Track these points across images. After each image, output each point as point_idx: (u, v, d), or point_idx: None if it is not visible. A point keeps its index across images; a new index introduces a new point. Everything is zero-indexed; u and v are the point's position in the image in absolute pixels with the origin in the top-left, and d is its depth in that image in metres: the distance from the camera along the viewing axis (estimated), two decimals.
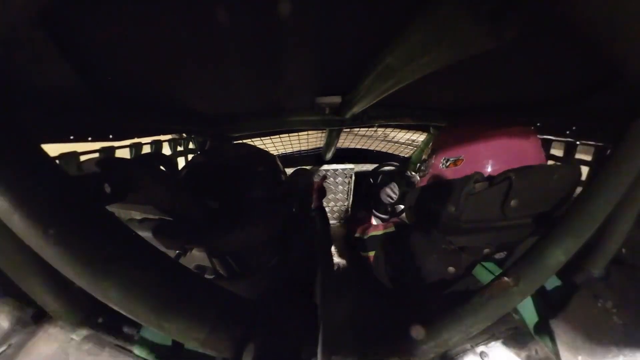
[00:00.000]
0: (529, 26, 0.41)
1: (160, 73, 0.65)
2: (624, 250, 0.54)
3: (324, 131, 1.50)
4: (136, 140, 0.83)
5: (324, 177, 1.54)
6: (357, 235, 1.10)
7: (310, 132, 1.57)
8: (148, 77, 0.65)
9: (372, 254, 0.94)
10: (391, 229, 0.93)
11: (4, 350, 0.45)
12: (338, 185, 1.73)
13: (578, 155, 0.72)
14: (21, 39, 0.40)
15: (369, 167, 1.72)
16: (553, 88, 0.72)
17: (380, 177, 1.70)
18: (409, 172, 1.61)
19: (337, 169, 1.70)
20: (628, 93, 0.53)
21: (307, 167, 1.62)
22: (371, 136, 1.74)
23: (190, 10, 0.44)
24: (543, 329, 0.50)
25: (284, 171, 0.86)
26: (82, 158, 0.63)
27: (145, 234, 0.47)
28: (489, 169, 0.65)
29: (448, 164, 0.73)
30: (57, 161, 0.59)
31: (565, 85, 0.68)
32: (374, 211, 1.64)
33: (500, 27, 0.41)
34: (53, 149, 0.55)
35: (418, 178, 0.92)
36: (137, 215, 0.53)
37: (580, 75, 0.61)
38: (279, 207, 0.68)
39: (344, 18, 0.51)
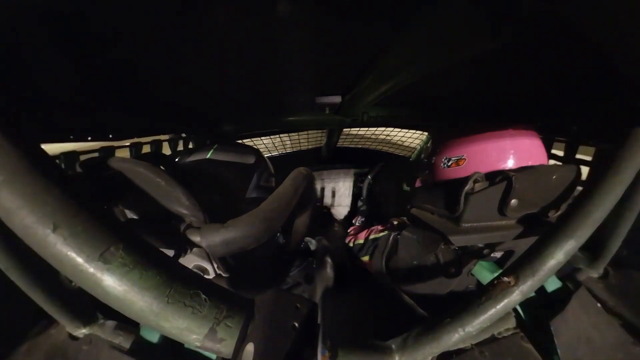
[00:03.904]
0: (529, 27, 0.41)
1: (160, 73, 0.65)
2: (624, 250, 0.54)
3: (324, 131, 1.51)
4: (136, 140, 0.82)
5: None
6: (351, 244, 1.10)
7: (310, 132, 1.58)
8: (148, 77, 0.65)
9: (366, 258, 0.94)
10: (390, 230, 0.93)
11: (6, 350, 0.45)
12: (338, 187, 1.73)
13: (578, 155, 0.72)
14: (22, 39, 0.40)
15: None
16: (554, 88, 0.72)
17: (378, 177, 1.70)
18: (409, 172, 1.61)
19: (337, 171, 1.70)
20: (629, 93, 0.53)
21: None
22: (371, 137, 1.74)
23: (190, 10, 0.44)
24: (543, 329, 0.50)
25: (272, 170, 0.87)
26: (82, 158, 0.63)
27: (145, 234, 0.47)
28: (492, 168, 0.65)
29: (450, 163, 0.73)
30: (57, 161, 0.59)
31: (566, 86, 0.68)
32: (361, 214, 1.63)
33: (499, 27, 0.41)
34: (53, 149, 0.55)
35: (418, 178, 0.92)
36: (137, 215, 0.53)
37: (581, 76, 0.61)
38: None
39: (344, 18, 0.51)
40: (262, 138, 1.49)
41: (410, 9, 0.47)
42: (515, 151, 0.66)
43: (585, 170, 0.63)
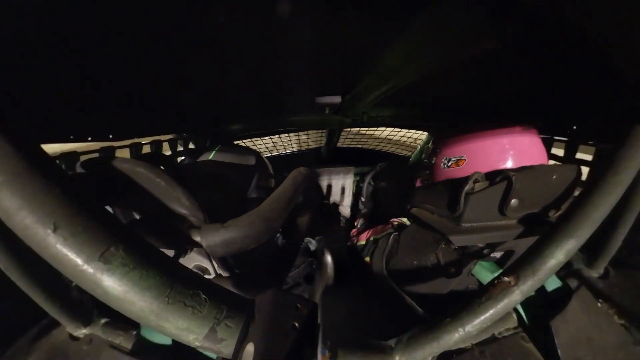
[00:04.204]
0: (529, 27, 0.41)
1: (160, 73, 0.65)
2: (624, 250, 0.54)
3: (324, 131, 1.51)
4: (136, 140, 0.83)
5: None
6: (352, 243, 1.10)
7: (310, 132, 1.58)
8: (148, 78, 0.65)
9: (368, 259, 0.94)
10: (389, 230, 0.93)
11: (5, 350, 0.45)
12: (338, 186, 1.73)
13: (578, 155, 0.72)
14: (23, 39, 0.40)
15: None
16: (554, 88, 0.72)
17: (378, 176, 1.70)
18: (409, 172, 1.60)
19: (337, 170, 1.70)
20: (629, 93, 0.53)
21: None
22: (371, 136, 1.74)
23: (190, 10, 0.44)
24: (543, 329, 0.49)
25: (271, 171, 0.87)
26: (82, 158, 0.63)
27: (145, 234, 0.47)
28: (492, 168, 0.65)
29: (450, 163, 0.73)
30: (57, 161, 0.59)
31: (566, 85, 0.68)
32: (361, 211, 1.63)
33: (501, 27, 0.41)
34: (53, 149, 0.55)
35: (418, 178, 0.92)
36: (137, 215, 0.53)
37: (581, 75, 0.61)
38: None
39: (344, 18, 0.51)
40: (262, 138, 1.49)
41: (410, 8, 0.47)
42: (515, 151, 0.66)
43: (585, 170, 0.63)
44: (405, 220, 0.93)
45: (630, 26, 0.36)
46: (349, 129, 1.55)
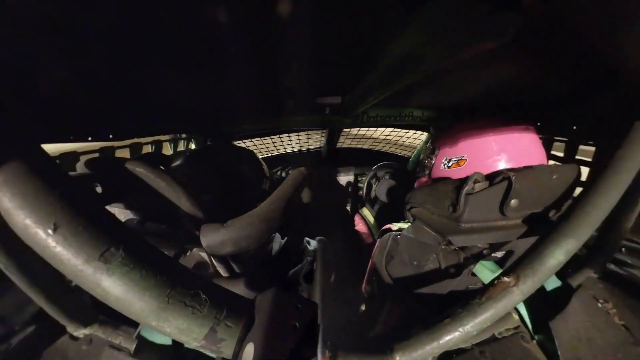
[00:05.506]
0: (529, 27, 0.41)
1: (160, 74, 0.65)
2: (623, 250, 0.54)
3: (324, 131, 1.51)
4: (136, 140, 0.83)
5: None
6: (358, 235, 1.10)
7: (310, 132, 1.58)
8: (149, 78, 0.65)
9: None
10: (392, 229, 0.92)
11: (5, 350, 0.45)
12: (339, 186, 1.74)
13: (578, 155, 0.72)
14: (24, 39, 0.40)
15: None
16: (553, 88, 0.72)
17: (379, 177, 1.70)
18: (408, 172, 1.60)
19: (337, 170, 1.70)
20: (628, 93, 0.53)
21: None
22: (371, 136, 1.74)
23: (190, 10, 0.44)
24: (543, 329, 0.49)
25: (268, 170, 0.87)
26: (82, 158, 0.63)
27: (145, 234, 0.47)
28: (493, 168, 0.65)
29: (450, 164, 0.73)
30: (57, 161, 0.59)
31: (566, 86, 0.68)
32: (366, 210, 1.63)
33: (501, 26, 0.41)
34: (53, 149, 0.55)
35: (418, 178, 0.92)
36: (138, 215, 0.53)
37: (580, 76, 0.61)
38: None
39: (344, 18, 0.51)
40: (262, 138, 1.49)
41: (410, 8, 0.47)
42: (516, 151, 0.66)
43: (585, 170, 0.63)
44: (402, 225, 0.93)
45: (628, 25, 0.36)
46: (349, 130, 1.55)
